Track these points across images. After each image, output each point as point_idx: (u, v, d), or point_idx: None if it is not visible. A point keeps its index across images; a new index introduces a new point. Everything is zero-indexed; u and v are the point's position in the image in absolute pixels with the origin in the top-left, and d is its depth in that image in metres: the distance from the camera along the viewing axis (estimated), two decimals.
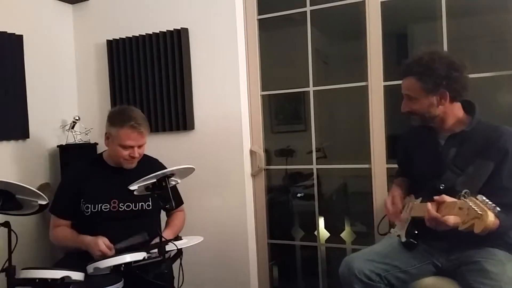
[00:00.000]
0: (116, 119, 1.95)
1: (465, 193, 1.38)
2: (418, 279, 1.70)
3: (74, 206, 1.99)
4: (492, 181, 1.59)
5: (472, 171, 1.61)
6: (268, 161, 2.75)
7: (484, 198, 1.33)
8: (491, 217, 1.29)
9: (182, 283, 1.74)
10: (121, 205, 1.98)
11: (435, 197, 1.50)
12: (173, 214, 2.15)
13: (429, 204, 1.49)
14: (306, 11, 2.42)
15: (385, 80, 2.24)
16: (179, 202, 2.20)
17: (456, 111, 1.68)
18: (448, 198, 1.47)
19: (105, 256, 1.70)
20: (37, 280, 1.41)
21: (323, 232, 2.76)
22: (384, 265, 1.68)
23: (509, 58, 2.07)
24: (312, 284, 2.61)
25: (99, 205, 1.97)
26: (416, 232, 1.72)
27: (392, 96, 2.23)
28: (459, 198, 1.40)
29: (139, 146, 1.96)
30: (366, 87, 2.28)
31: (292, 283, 3.00)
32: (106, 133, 1.99)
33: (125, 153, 1.94)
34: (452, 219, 1.44)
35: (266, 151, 2.66)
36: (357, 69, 2.35)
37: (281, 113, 3.50)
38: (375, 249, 1.78)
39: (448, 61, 1.61)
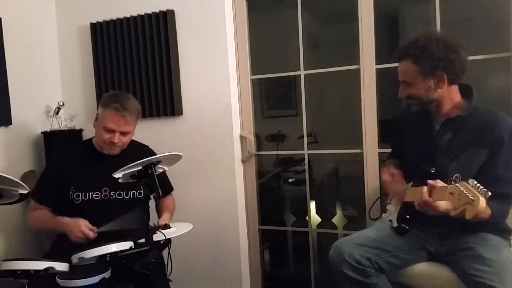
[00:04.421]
0: (105, 99, 1.91)
1: (456, 177, 1.36)
2: (409, 264, 1.69)
3: (58, 193, 1.93)
4: (487, 170, 1.55)
5: (466, 157, 1.58)
6: (259, 147, 2.71)
7: (475, 182, 1.29)
8: (482, 203, 1.25)
9: (171, 271, 1.72)
10: (112, 193, 1.93)
11: (429, 181, 1.47)
12: (164, 198, 2.10)
13: (424, 188, 1.46)
14: None
15: (377, 63, 2.20)
16: (169, 189, 2.16)
17: (453, 95, 1.64)
18: (441, 183, 1.45)
19: (88, 243, 1.64)
20: (19, 272, 1.36)
21: (314, 217, 2.75)
22: (375, 249, 1.66)
23: (502, 40, 2.04)
24: (303, 269, 2.61)
25: (90, 193, 1.92)
26: (408, 217, 1.70)
27: (384, 79, 2.19)
28: (450, 183, 1.38)
29: (123, 133, 1.89)
30: (358, 70, 2.24)
31: (284, 268, 3.00)
32: (96, 114, 1.94)
33: (106, 136, 1.88)
34: (443, 205, 1.43)
35: (257, 136, 2.61)
36: (349, 52, 2.30)
37: (272, 98, 3.45)
38: (365, 233, 1.77)
39: (445, 43, 1.55)
